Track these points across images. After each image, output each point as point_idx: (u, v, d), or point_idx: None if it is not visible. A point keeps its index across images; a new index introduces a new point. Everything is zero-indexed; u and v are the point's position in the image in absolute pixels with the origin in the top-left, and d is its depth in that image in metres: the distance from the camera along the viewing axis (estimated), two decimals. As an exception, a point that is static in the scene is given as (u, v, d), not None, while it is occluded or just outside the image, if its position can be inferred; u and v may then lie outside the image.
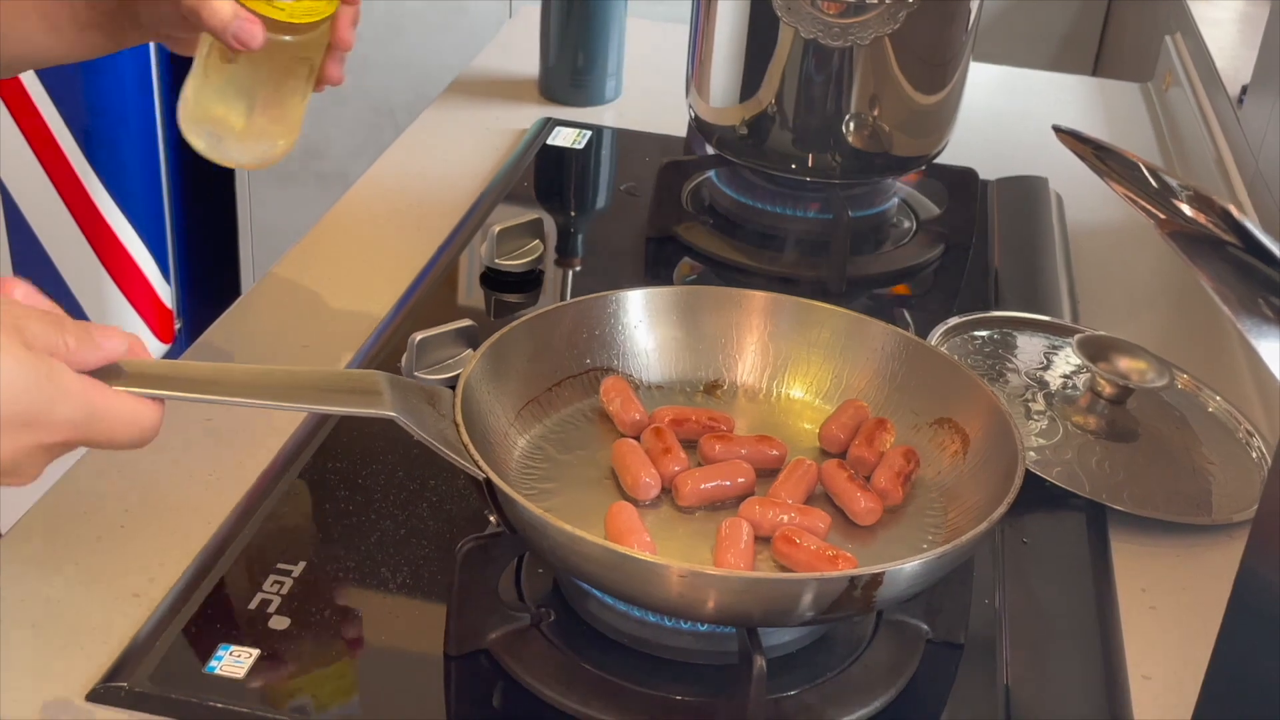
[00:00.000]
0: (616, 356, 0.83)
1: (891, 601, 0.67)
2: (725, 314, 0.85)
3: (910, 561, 0.63)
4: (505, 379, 0.78)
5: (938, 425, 0.79)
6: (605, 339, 0.83)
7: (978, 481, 0.74)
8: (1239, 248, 0.42)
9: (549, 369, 0.81)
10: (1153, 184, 0.46)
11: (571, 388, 0.82)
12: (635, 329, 0.83)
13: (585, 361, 0.82)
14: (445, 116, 1.40)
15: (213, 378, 0.65)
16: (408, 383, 0.71)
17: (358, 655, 0.71)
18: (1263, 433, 0.94)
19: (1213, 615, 0.59)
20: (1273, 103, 1.16)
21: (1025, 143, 1.39)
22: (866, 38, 1.06)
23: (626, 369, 0.83)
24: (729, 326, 0.85)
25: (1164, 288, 1.17)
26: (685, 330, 0.84)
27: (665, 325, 0.84)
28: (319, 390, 0.67)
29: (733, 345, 0.85)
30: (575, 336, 0.82)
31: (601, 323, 0.83)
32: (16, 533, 0.78)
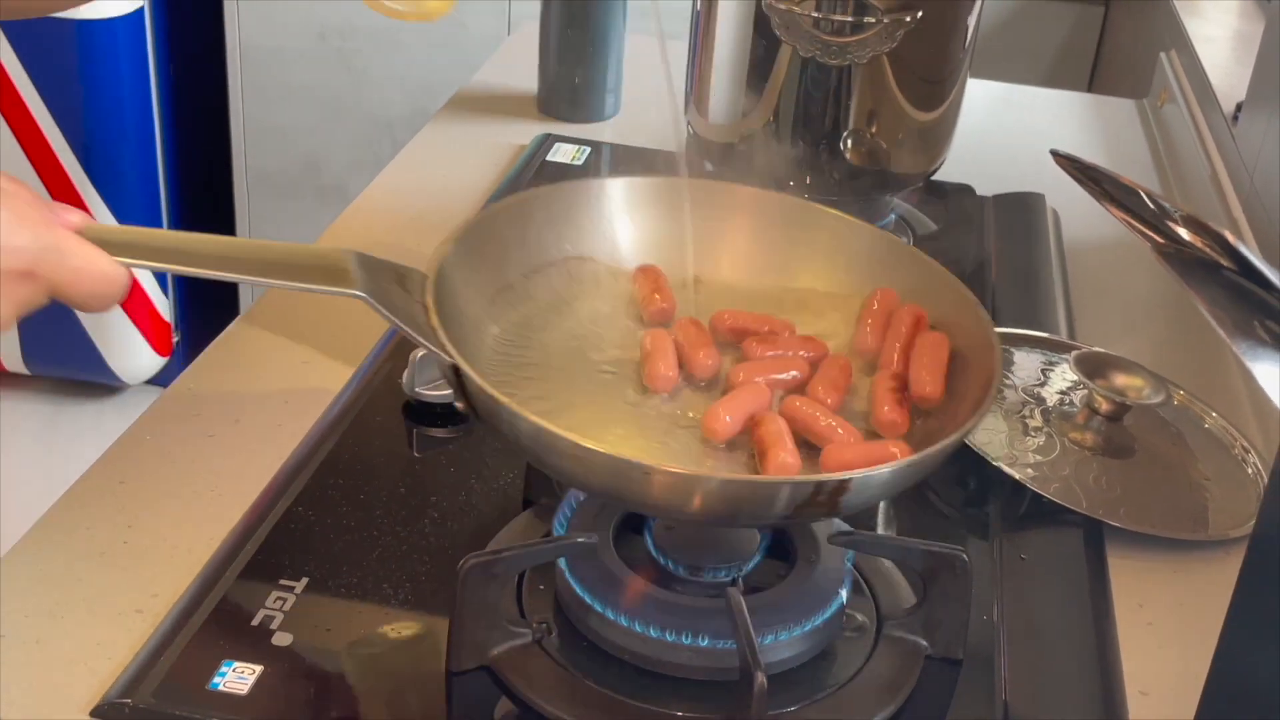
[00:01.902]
0: (597, 245, 0.81)
1: (858, 507, 0.69)
2: (709, 208, 0.83)
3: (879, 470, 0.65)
4: (479, 266, 0.76)
5: None
6: (585, 227, 0.81)
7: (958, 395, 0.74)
8: (1234, 272, 0.43)
9: (525, 256, 0.79)
10: (1149, 208, 0.47)
11: (550, 275, 0.80)
12: (616, 218, 0.81)
13: (565, 248, 0.80)
14: (445, 132, 1.40)
15: (178, 246, 0.64)
16: (378, 262, 0.69)
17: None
18: (1258, 449, 0.95)
19: (1209, 631, 0.60)
20: (1267, 120, 1.17)
21: (1022, 159, 1.40)
22: (864, 56, 1.06)
23: (607, 258, 0.81)
24: (715, 220, 0.83)
25: (1161, 304, 1.18)
26: (669, 222, 0.82)
27: (648, 215, 0.82)
28: (285, 266, 0.66)
29: (720, 240, 0.83)
30: (553, 224, 0.80)
31: (582, 210, 0.81)
32: (20, 549, 0.78)
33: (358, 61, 2.34)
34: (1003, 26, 2.15)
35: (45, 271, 0.58)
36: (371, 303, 0.65)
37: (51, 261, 0.58)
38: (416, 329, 0.67)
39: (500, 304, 0.77)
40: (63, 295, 0.60)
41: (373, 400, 0.92)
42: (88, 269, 0.59)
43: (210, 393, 0.94)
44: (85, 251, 0.60)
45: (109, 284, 0.60)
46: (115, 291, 0.61)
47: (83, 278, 0.59)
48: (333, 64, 2.35)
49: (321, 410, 0.91)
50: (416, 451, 0.89)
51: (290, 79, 2.37)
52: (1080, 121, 1.56)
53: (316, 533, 0.79)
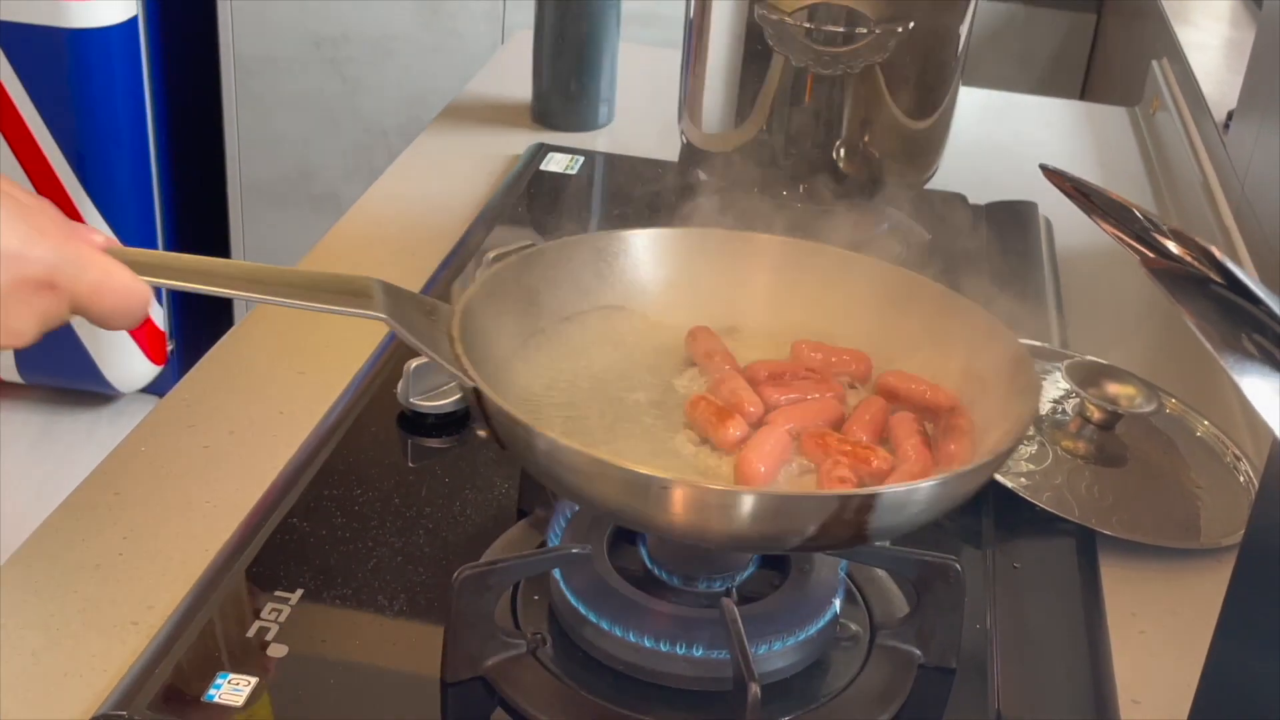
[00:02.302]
0: (630, 294, 0.81)
1: (886, 532, 0.67)
2: (730, 257, 0.83)
3: (901, 486, 0.64)
4: (508, 308, 0.76)
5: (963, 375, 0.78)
6: (616, 275, 0.81)
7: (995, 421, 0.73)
8: (1222, 286, 0.43)
9: (557, 302, 0.79)
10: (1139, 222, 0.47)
11: (583, 322, 0.80)
12: (645, 267, 0.82)
13: (597, 297, 0.80)
14: (439, 142, 1.41)
15: (202, 268, 0.64)
16: (405, 293, 0.70)
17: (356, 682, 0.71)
18: (1250, 457, 0.95)
19: (1202, 639, 0.60)
20: (1258, 128, 1.18)
21: (1014, 168, 1.40)
22: (857, 66, 1.07)
23: (636, 306, 0.81)
24: (735, 269, 0.83)
25: (1152, 313, 1.18)
26: (692, 271, 0.83)
27: (672, 266, 0.83)
28: (308, 289, 0.66)
29: (743, 288, 0.83)
30: (584, 272, 0.80)
31: (611, 258, 0.81)
32: (15, 560, 0.78)
33: (351, 70, 2.34)
34: (995, 35, 2.16)
35: (65, 283, 0.59)
36: (393, 324, 0.66)
37: (71, 274, 0.59)
38: (439, 354, 0.68)
39: (531, 347, 0.78)
40: (84, 309, 0.60)
41: (367, 411, 0.92)
42: (108, 283, 0.60)
43: (205, 404, 0.94)
44: (106, 265, 0.60)
45: (130, 298, 0.61)
46: (137, 307, 0.61)
47: (104, 291, 0.60)
48: (327, 73, 2.35)
49: (316, 421, 0.91)
50: (411, 462, 0.89)
51: (284, 88, 2.37)
52: (1072, 129, 1.57)
53: (312, 544, 0.80)
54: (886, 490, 0.64)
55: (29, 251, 0.57)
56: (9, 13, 2.09)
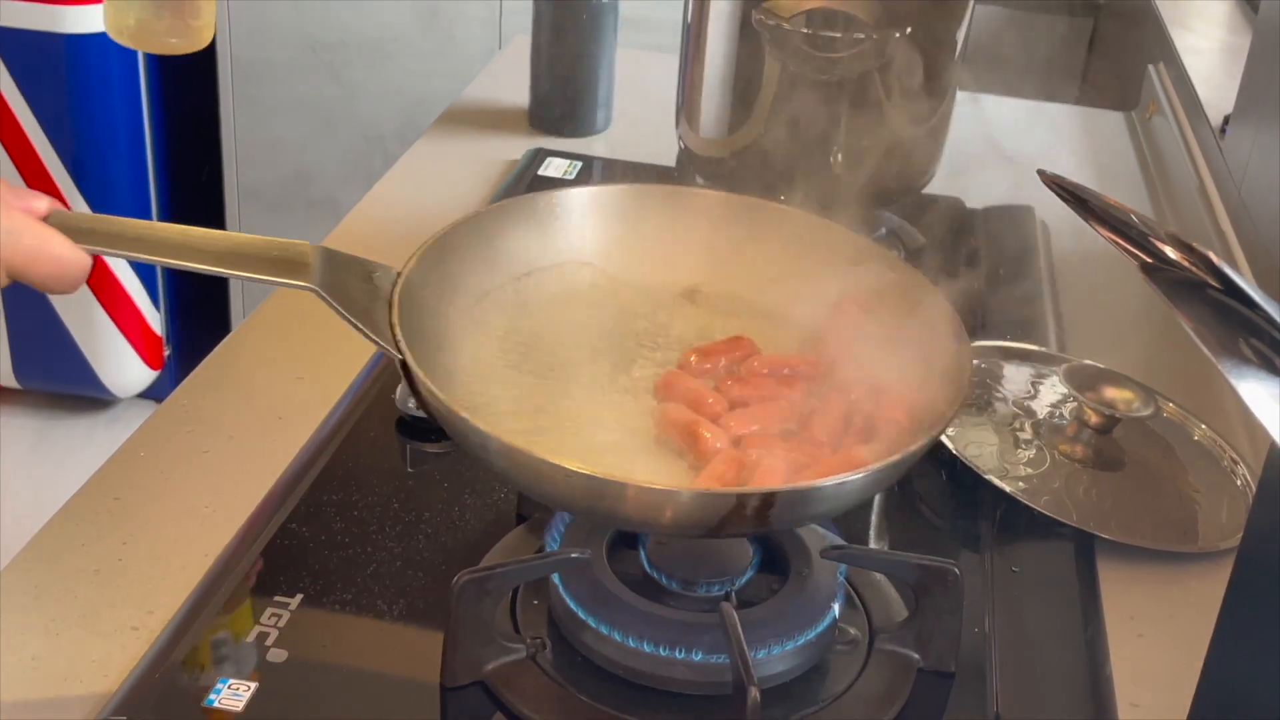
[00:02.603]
0: (588, 249, 0.81)
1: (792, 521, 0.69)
2: (676, 212, 0.83)
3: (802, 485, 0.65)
4: (465, 267, 0.76)
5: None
6: (576, 232, 0.81)
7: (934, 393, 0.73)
8: (1219, 290, 0.43)
9: (513, 260, 0.78)
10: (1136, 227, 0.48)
11: (542, 279, 0.79)
12: (608, 224, 0.82)
13: (554, 254, 0.80)
14: (436, 147, 1.41)
15: (140, 234, 0.65)
16: (346, 258, 0.70)
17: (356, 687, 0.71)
18: (1248, 461, 0.95)
19: (1200, 642, 0.60)
20: (1254, 132, 1.18)
21: (1011, 172, 1.40)
22: (854, 71, 1.07)
23: (591, 261, 0.81)
24: (685, 227, 0.83)
25: (1150, 317, 1.18)
26: (641, 227, 0.82)
27: (621, 222, 0.82)
28: (245, 257, 0.67)
29: (694, 247, 0.83)
30: (543, 229, 0.80)
31: (571, 216, 0.81)
32: (15, 566, 0.78)
33: (349, 74, 2.34)
34: (991, 40, 2.16)
35: (1, 252, 0.61)
36: (323, 295, 0.66)
37: (5, 242, 0.61)
38: (371, 326, 0.67)
39: (485, 307, 0.77)
40: (20, 275, 0.62)
41: (366, 416, 0.92)
42: (44, 250, 0.62)
43: (204, 409, 0.94)
44: (42, 233, 0.62)
45: (66, 265, 0.62)
46: (73, 274, 0.63)
47: (40, 258, 0.62)
48: (324, 77, 2.35)
49: (315, 426, 0.91)
50: (410, 467, 0.89)
51: (281, 92, 2.37)
52: (1069, 134, 1.57)
53: (311, 549, 0.80)
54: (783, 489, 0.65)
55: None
56: (6, 18, 2.09)
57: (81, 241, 0.63)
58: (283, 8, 2.31)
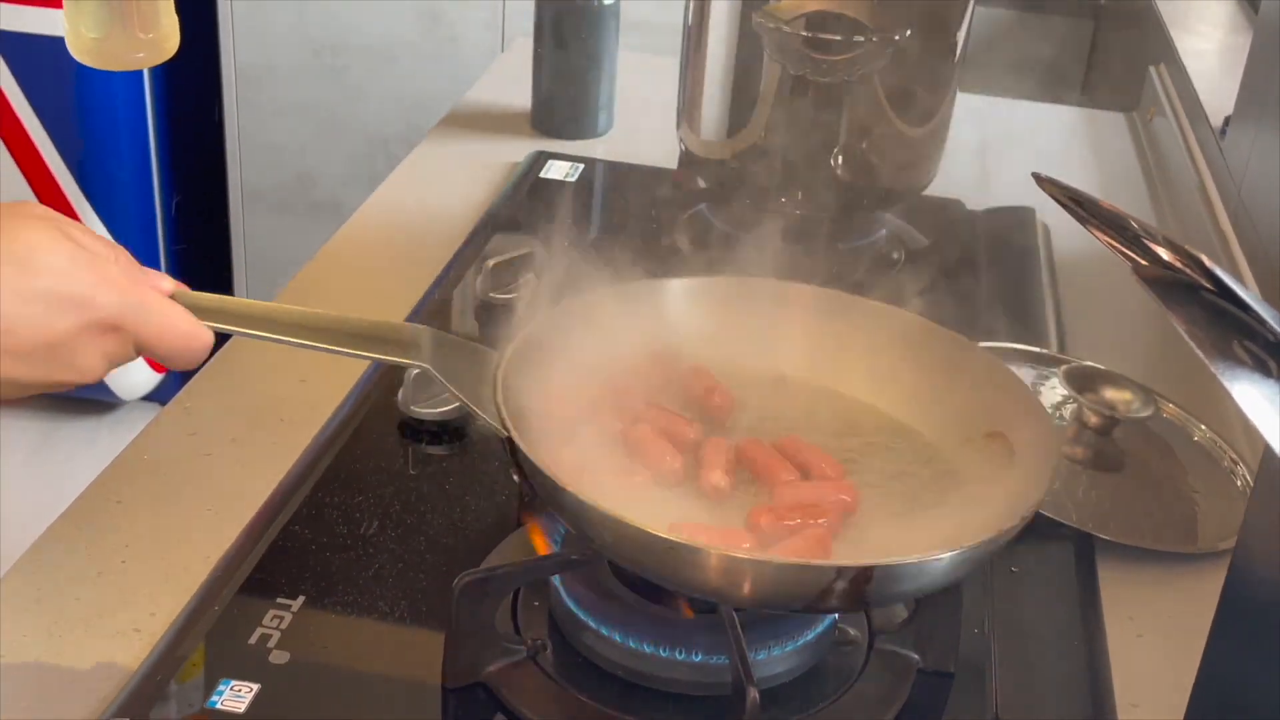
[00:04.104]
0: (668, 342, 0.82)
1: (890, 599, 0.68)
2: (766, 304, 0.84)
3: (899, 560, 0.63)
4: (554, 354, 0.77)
5: (989, 439, 0.77)
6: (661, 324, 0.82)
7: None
8: (1212, 293, 0.44)
9: (602, 349, 0.79)
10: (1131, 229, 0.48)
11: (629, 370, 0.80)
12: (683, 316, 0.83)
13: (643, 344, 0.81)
14: (439, 150, 1.41)
15: (263, 315, 0.69)
16: (452, 340, 0.73)
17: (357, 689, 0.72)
18: (1247, 461, 0.95)
19: (1200, 643, 0.60)
20: (1254, 133, 1.18)
21: (1012, 173, 1.41)
22: (854, 74, 1.07)
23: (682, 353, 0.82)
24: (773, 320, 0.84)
25: (1150, 319, 1.18)
26: (731, 321, 0.83)
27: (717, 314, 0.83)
28: (361, 338, 0.71)
29: (778, 338, 0.83)
30: (630, 321, 0.81)
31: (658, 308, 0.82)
32: (18, 568, 0.79)
33: (352, 78, 2.35)
34: (992, 41, 2.16)
35: (130, 327, 0.64)
36: (436, 374, 0.70)
37: (135, 319, 0.64)
38: (478, 404, 0.70)
39: (580, 393, 0.77)
40: (148, 349, 0.65)
41: (368, 418, 0.93)
42: (170, 327, 0.65)
43: (207, 411, 0.95)
44: (168, 310, 0.65)
45: (190, 341, 0.66)
46: (197, 349, 0.66)
47: (166, 335, 0.65)
48: (327, 80, 2.36)
49: (318, 428, 0.92)
50: (412, 469, 0.90)
51: (285, 96, 2.37)
52: (1070, 135, 1.57)
53: (313, 550, 0.80)
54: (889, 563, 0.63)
55: (96, 298, 0.62)
56: (11, 22, 2.10)
57: (205, 319, 0.66)
58: (285, 12, 2.31)
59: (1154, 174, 1.46)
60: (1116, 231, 0.49)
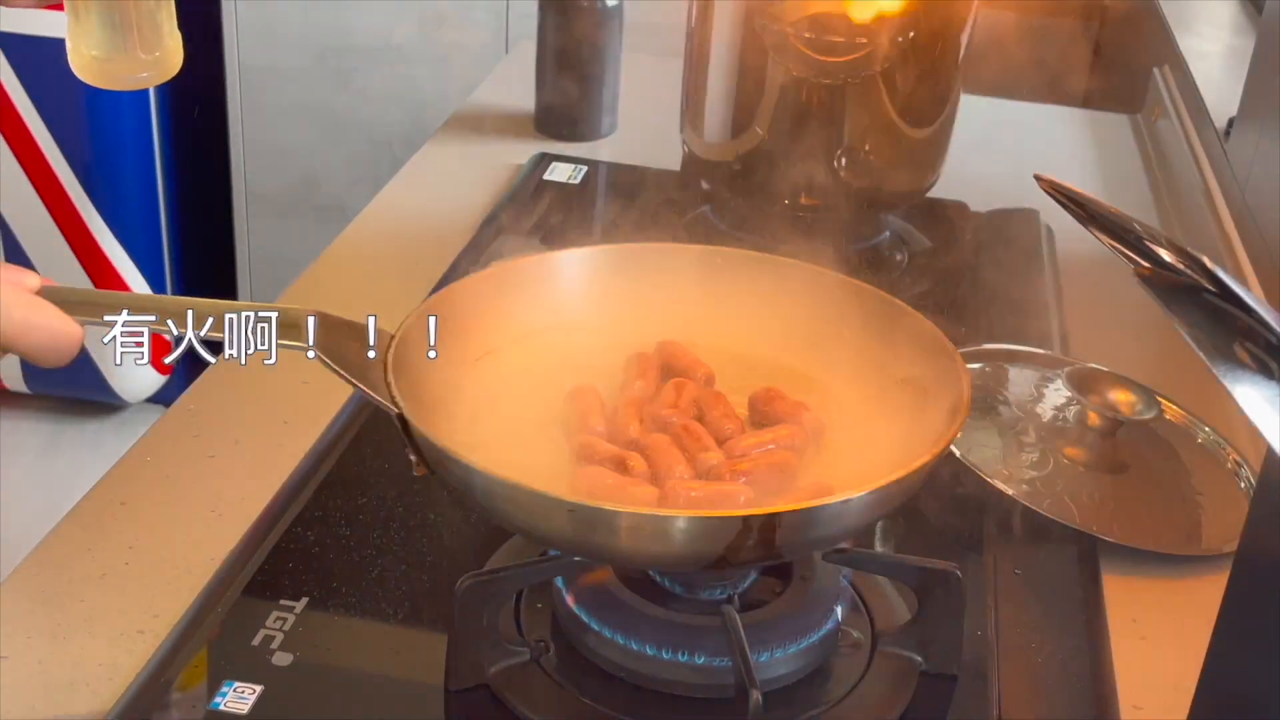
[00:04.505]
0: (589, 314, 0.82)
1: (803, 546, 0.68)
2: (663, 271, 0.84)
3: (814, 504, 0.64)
4: (460, 329, 0.77)
5: (902, 384, 0.78)
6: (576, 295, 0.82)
7: None
8: (1214, 294, 0.44)
9: (512, 322, 0.80)
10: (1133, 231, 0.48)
11: (541, 342, 0.80)
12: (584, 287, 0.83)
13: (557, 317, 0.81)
14: (443, 151, 1.41)
15: (135, 303, 0.67)
16: (342, 323, 0.72)
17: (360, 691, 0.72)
18: (1251, 463, 0.95)
19: (1203, 645, 0.60)
20: (1258, 135, 1.18)
21: (1016, 175, 1.40)
22: (857, 76, 1.07)
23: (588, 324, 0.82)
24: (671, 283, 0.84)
25: (1153, 320, 1.18)
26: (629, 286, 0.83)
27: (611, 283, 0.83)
28: None
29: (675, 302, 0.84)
30: (544, 291, 0.81)
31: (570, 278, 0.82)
32: (22, 570, 0.79)
33: (356, 80, 2.35)
34: (996, 42, 2.16)
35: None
36: (322, 358, 0.69)
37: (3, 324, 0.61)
38: (369, 385, 0.69)
39: (482, 368, 0.78)
40: (12, 346, 0.63)
41: (371, 420, 0.93)
42: (35, 321, 0.63)
43: (211, 413, 0.95)
44: (30, 304, 0.63)
45: (56, 337, 0.63)
46: (65, 345, 0.64)
47: (31, 329, 0.62)
48: (331, 83, 2.36)
49: (321, 430, 0.92)
50: (415, 471, 0.89)
51: (289, 98, 2.38)
52: (1074, 137, 1.57)
53: (316, 552, 0.80)
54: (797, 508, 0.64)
55: None
56: (15, 24, 2.10)
57: (74, 314, 0.64)
58: (290, 14, 2.31)
59: (1158, 175, 1.46)
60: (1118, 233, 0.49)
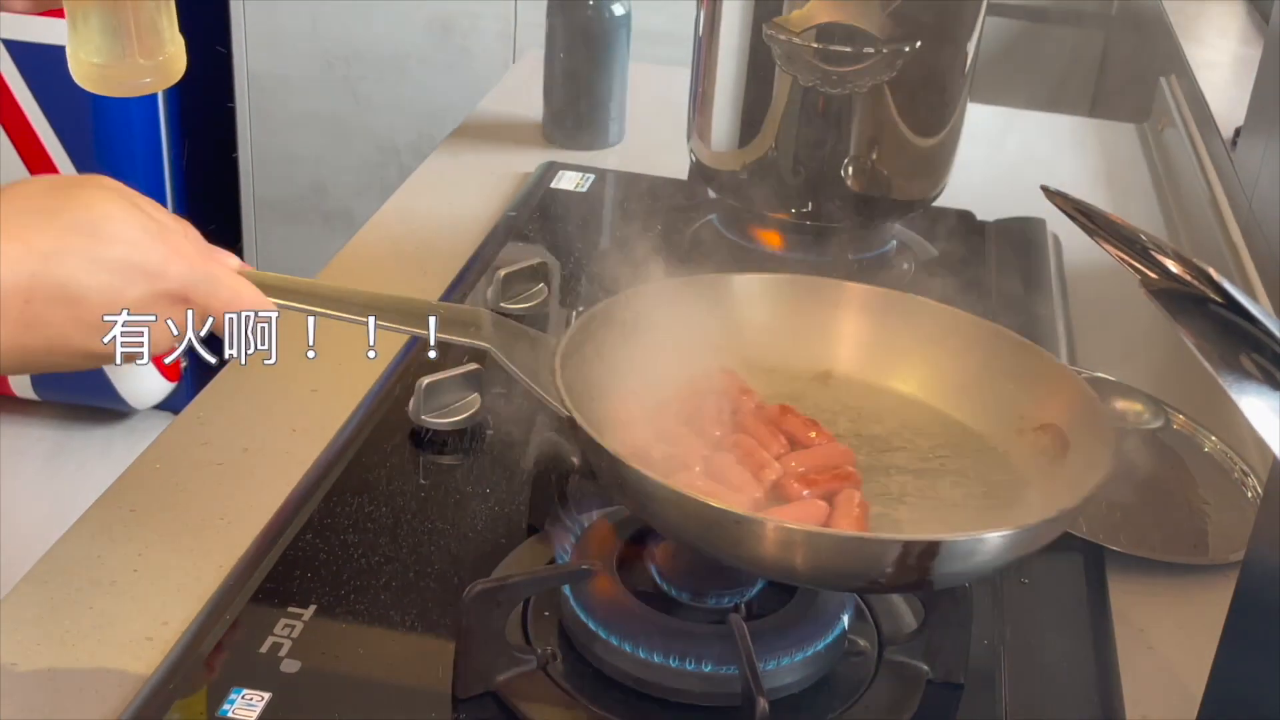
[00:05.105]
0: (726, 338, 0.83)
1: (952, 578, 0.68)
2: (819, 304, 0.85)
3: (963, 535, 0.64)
4: (616, 345, 0.78)
5: (1040, 431, 0.77)
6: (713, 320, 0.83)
7: None
8: (1220, 305, 0.44)
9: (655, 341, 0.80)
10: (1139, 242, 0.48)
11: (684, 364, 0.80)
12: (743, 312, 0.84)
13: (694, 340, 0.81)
14: (451, 160, 1.42)
15: (329, 294, 0.69)
16: (511, 325, 0.74)
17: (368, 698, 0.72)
18: (1258, 472, 0.95)
19: (1209, 654, 0.60)
20: (1265, 145, 1.18)
21: (1023, 184, 1.40)
22: (864, 85, 1.08)
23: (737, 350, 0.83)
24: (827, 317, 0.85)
25: (1161, 330, 1.18)
26: (786, 318, 0.85)
27: (770, 311, 0.85)
28: (421, 317, 0.71)
29: (832, 335, 0.85)
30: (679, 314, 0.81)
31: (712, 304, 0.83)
32: (32, 577, 0.79)
33: (364, 89, 2.36)
34: (1003, 52, 2.16)
35: (199, 298, 0.63)
36: (497, 354, 0.71)
37: (205, 291, 0.64)
38: (538, 384, 0.71)
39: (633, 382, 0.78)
40: (217, 323, 0.65)
41: (380, 428, 0.93)
42: (239, 302, 0.65)
43: (219, 421, 0.95)
44: (236, 283, 0.65)
45: None
46: None
47: (234, 307, 0.65)
48: (340, 91, 2.37)
49: (329, 438, 0.92)
50: (423, 479, 0.90)
51: (297, 106, 2.39)
52: (1081, 146, 1.57)
53: (324, 560, 0.80)
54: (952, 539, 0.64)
55: (167, 269, 0.62)
56: (25, 32, 2.11)
57: (270, 296, 0.66)
58: (299, 23, 2.32)
59: (1164, 185, 1.46)
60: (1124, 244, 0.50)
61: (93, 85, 0.78)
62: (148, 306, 0.61)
